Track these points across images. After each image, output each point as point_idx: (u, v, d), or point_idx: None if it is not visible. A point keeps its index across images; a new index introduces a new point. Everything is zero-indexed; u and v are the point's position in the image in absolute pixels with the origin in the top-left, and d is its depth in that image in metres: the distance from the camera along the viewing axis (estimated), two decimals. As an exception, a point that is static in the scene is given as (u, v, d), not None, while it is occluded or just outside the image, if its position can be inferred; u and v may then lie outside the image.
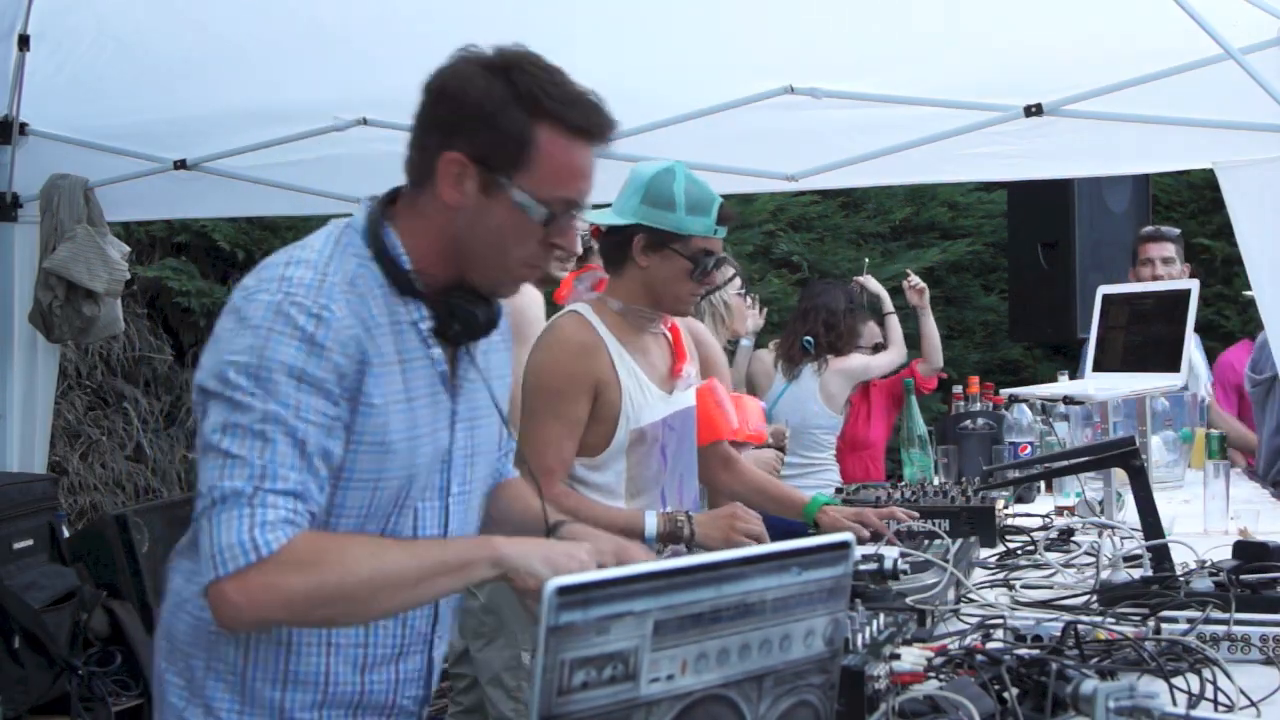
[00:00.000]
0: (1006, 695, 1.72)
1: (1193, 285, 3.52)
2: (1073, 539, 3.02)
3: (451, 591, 1.73)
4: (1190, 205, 8.45)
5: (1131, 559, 2.57)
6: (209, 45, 3.76)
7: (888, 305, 5.64)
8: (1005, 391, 4.09)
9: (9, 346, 4.39)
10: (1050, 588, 2.57)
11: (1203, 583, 2.27)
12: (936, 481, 3.84)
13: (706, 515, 2.76)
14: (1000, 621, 2.16)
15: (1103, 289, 3.87)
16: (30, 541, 3.76)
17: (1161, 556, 2.47)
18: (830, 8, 3.54)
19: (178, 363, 6.19)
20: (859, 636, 1.84)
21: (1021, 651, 1.92)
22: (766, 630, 1.26)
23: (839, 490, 3.57)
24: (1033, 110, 3.76)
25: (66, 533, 4.03)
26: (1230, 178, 3.72)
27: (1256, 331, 5.14)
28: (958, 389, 4.63)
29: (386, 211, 1.78)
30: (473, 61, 1.71)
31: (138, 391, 5.94)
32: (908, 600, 2.22)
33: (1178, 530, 2.93)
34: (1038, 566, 2.80)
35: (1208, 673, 1.85)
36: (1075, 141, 3.90)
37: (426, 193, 1.74)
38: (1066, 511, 3.50)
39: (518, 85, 1.68)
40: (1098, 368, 3.75)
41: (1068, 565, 2.75)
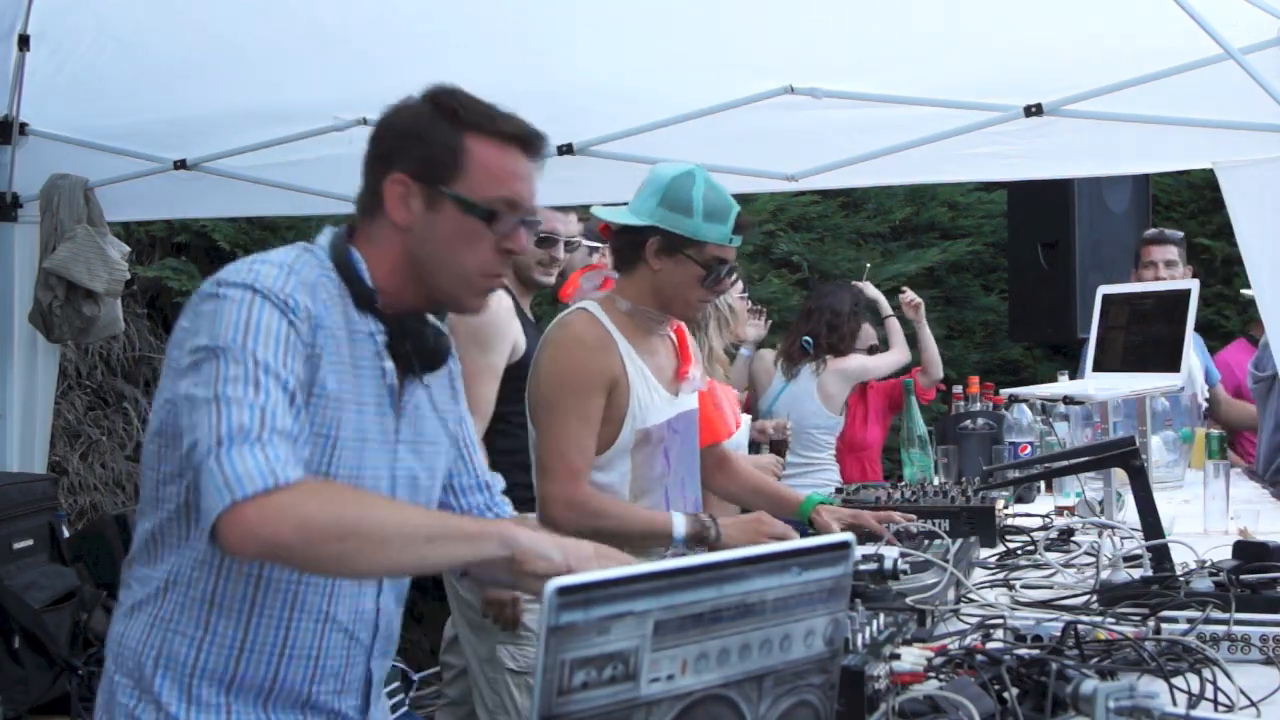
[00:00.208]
0: (1006, 695, 1.72)
1: (1193, 285, 3.52)
2: (1073, 539, 3.03)
3: (460, 560, 1.71)
4: (1190, 205, 8.43)
5: (1131, 559, 2.57)
6: (209, 45, 3.76)
7: (885, 309, 5.65)
8: (1005, 391, 4.09)
9: (9, 346, 4.39)
10: (1050, 588, 2.57)
11: (1203, 583, 2.27)
12: (936, 481, 3.84)
13: (732, 519, 2.76)
14: (1000, 621, 2.16)
15: (1103, 289, 3.87)
16: (30, 541, 3.75)
17: (1161, 556, 2.47)
18: (830, 8, 3.53)
19: (178, 363, 6.16)
20: (859, 636, 1.84)
21: (1021, 651, 1.92)
22: (767, 630, 1.26)
23: (839, 490, 3.57)
24: (1033, 110, 3.76)
25: (66, 533, 4.02)
26: (1230, 178, 3.72)
27: (1254, 331, 5.15)
28: (958, 389, 4.63)
29: (350, 239, 1.86)
30: (404, 100, 1.86)
31: (138, 391, 5.93)
32: (908, 600, 2.23)
33: (1178, 530, 2.93)
34: (1038, 566, 2.80)
35: (1208, 673, 1.86)
36: (1075, 141, 3.89)
37: (379, 219, 1.83)
38: (1066, 511, 3.50)
39: (442, 106, 1.81)
40: (1098, 368, 3.75)
41: (1068, 565, 2.75)
